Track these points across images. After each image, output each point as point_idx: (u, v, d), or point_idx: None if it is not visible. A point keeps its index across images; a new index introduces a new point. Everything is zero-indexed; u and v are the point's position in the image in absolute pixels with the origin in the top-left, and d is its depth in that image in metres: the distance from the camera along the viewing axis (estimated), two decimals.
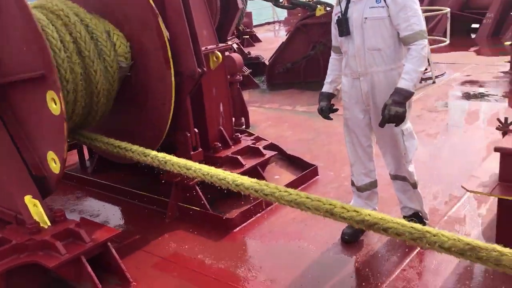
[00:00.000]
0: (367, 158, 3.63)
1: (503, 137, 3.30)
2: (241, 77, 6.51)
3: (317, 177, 4.93)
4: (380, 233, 2.34)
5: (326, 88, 3.71)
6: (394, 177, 3.64)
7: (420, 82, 8.31)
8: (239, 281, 3.32)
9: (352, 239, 3.67)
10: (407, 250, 3.46)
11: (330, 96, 3.70)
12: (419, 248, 3.40)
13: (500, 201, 3.19)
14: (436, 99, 7.37)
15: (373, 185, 3.71)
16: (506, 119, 3.33)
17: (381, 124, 3.21)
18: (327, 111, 3.65)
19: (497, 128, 3.38)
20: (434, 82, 8.25)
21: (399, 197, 3.70)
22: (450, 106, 7.12)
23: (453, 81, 8.37)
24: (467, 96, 7.44)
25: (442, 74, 8.73)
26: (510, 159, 3.04)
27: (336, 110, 3.66)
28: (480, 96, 7.40)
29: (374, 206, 3.73)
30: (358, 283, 3.21)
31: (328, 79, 3.72)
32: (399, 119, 3.14)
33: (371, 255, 3.49)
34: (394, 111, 3.11)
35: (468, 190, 3.26)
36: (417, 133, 3.91)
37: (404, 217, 3.63)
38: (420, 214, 3.64)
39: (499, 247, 1.98)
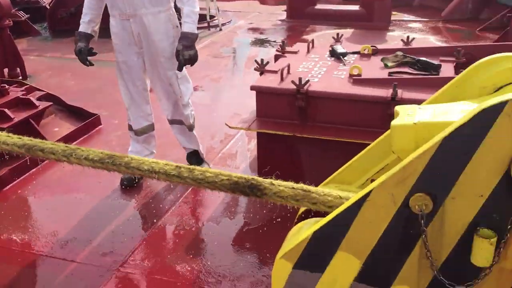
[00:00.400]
0: (143, 101, 3.65)
1: (260, 76, 3.63)
2: (11, 22, 5.89)
3: (100, 126, 4.82)
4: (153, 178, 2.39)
5: (83, 27, 3.47)
6: (172, 122, 3.76)
7: (209, 29, 8.60)
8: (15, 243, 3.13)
9: (130, 183, 3.72)
10: (183, 188, 3.65)
11: (88, 37, 3.50)
12: None
13: (259, 135, 3.55)
14: (222, 45, 7.73)
15: (150, 128, 3.76)
16: (262, 60, 3.67)
17: (179, 69, 3.34)
18: (86, 53, 3.45)
19: (255, 69, 3.70)
20: (220, 30, 8.61)
21: (179, 139, 3.85)
22: (234, 52, 7.54)
23: (238, 28, 8.85)
24: (250, 43, 7.96)
25: (229, 22, 9.15)
26: (263, 96, 3.38)
27: (95, 53, 3.52)
28: (261, 43, 7.99)
29: (152, 150, 3.82)
30: (136, 224, 3.30)
31: (85, 18, 3.48)
32: (193, 61, 3.32)
33: (150, 197, 3.61)
34: (187, 55, 3.27)
35: (230, 127, 3.56)
36: (202, 78, 4.10)
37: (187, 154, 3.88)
38: (199, 153, 3.85)
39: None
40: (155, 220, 3.30)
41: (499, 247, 1.78)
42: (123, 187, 3.71)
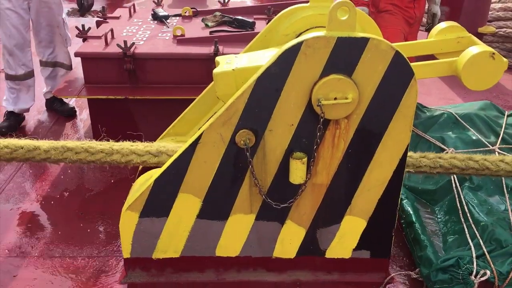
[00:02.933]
0: (25, 45, 3.78)
1: (83, 42, 3.56)
2: None
3: None
4: None
5: None
6: (48, 64, 4.04)
7: None
8: None
9: (8, 130, 3.83)
10: (13, 166, 3.47)
11: None
12: None
13: (90, 102, 3.52)
14: None
15: (31, 73, 3.94)
16: (83, 26, 3.60)
17: (82, 13, 3.90)
18: None
19: (77, 36, 3.62)
20: None
21: (47, 83, 4.15)
22: None
23: None
24: (67, 13, 7.51)
25: None
26: (89, 62, 3.34)
27: None
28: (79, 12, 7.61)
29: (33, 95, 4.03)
30: None
31: None
32: (91, 6, 3.86)
33: None
34: (91, 0, 3.83)
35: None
36: None
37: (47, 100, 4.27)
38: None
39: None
40: None
41: (310, 165, 2.14)
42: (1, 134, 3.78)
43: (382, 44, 1.97)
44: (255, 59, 2.30)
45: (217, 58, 2.38)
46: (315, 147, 2.11)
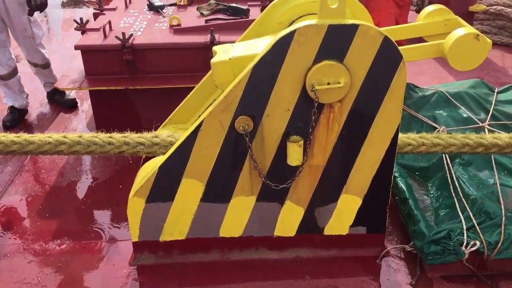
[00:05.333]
0: (1, 45, 3.84)
1: (82, 35, 3.65)
2: None
3: None
4: None
5: None
6: (30, 63, 4.14)
7: None
8: None
9: (12, 124, 4.00)
10: (20, 158, 3.58)
11: None
12: None
13: (91, 94, 3.62)
14: None
15: (15, 71, 4.01)
16: (81, 19, 3.67)
17: (30, 13, 3.73)
18: None
19: (75, 29, 3.70)
20: None
21: (40, 78, 4.31)
22: (46, 16, 7.12)
23: None
24: (61, 4, 7.57)
25: None
26: (89, 54, 3.43)
27: None
28: (74, 3, 7.66)
29: (22, 89, 4.13)
30: None
31: None
32: (43, 6, 3.70)
33: None
34: (39, 1, 3.65)
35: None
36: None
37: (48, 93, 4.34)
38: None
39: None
40: (0, 191, 3.24)
41: (306, 148, 2.25)
42: (6, 128, 3.97)
43: (371, 30, 2.07)
44: (251, 47, 2.39)
45: (214, 48, 2.48)
46: (310, 130, 2.22)
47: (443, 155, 2.92)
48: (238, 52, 2.35)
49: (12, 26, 3.85)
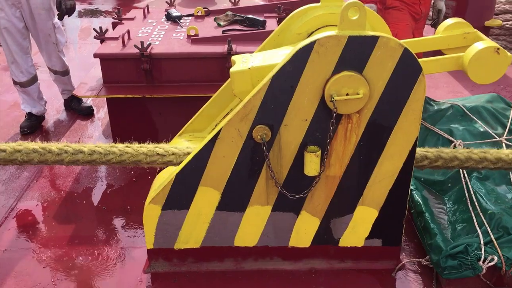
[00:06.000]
0: (24, 52, 3.90)
1: (101, 44, 3.70)
2: None
3: None
4: None
5: None
6: (50, 70, 4.19)
7: None
8: None
9: (30, 130, 4.06)
10: None
11: None
12: None
13: (109, 101, 3.65)
14: None
15: (35, 79, 4.06)
16: (101, 28, 3.72)
17: (60, 18, 3.88)
18: None
19: (95, 37, 3.75)
20: None
21: (58, 86, 4.34)
22: (64, 25, 7.22)
23: None
24: (78, 14, 7.67)
25: None
26: (108, 63, 3.47)
27: None
28: (91, 13, 7.77)
29: (42, 96, 4.18)
30: None
31: None
32: (72, 10, 3.88)
33: (6, 176, 3.50)
34: (69, 5, 3.82)
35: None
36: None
37: (65, 100, 4.42)
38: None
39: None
40: (16, 196, 3.26)
41: (323, 158, 2.25)
42: (23, 134, 4.04)
43: (391, 42, 2.08)
44: (270, 57, 2.41)
45: (233, 57, 2.50)
46: (328, 140, 2.22)
47: (460, 169, 2.89)
48: (257, 62, 2.37)
49: (36, 32, 3.91)
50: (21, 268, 2.66)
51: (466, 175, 2.86)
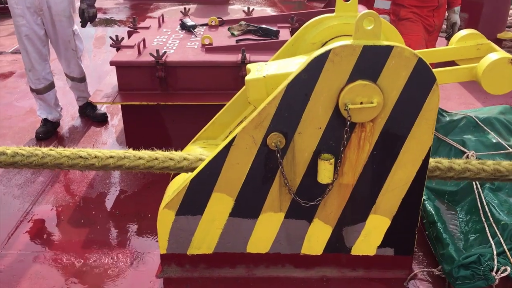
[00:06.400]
0: (42, 59, 3.99)
1: (117, 52, 3.76)
2: None
3: None
4: None
5: None
6: (67, 76, 4.29)
7: None
8: None
9: (45, 136, 4.13)
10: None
11: None
12: None
13: (123, 108, 3.71)
14: None
15: (52, 85, 4.14)
16: (117, 36, 3.79)
17: (83, 25, 4.05)
18: None
19: (111, 45, 3.81)
20: None
21: (74, 92, 4.42)
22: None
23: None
24: (94, 23, 7.78)
25: None
26: (123, 70, 3.53)
27: None
28: (106, 22, 7.89)
29: (58, 103, 4.26)
30: (12, 207, 3.26)
31: None
32: (94, 18, 4.07)
33: (22, 180, 3.55)
34: (92, 13, 4.01)
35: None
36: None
37: (80, 107, 4.50)
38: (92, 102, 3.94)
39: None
40: (31, 200, 3.31)
41: (337, 166, 2.27)
42: (38, 139, 4.10)
43: (405, 52, 2.10)
44: (284, 66, 2.44)
45: (248, 66, 2.53)
46: (342, 148, 2.24)
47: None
48: (272, 70, 2.40)
49: (56, 38, 3.99)
50: (36, 271, 2.69)
51: (478, 185, 2.86)
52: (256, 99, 2.36)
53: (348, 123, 2.17)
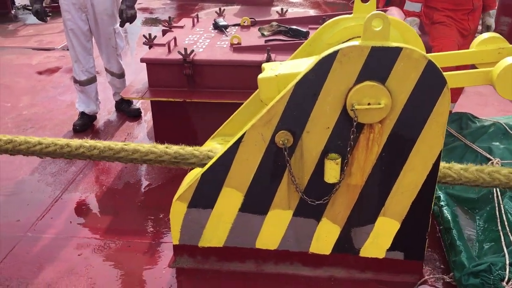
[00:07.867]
0: (86, 53, 4.23)
1: (149, 49, 3.90)
2: None
3: None
4: None
5: None
6: (107, 70, 4.49)
7: None
8: None
9: (82, 128, 4.34)
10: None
11: None
12: None
13: (153, 104, 3.84)
14: None
15: (93, 79, 4.35)
16: (150, 35, 3.94)
17: (122, 25, 4.19)
18: (42, 14, 4.06)
19: (144, 43, 3.96)
20: None
21: (111, 86, 4.61)
22: (126, 32, 7.60)
23: None
24: (141, 23, 8.06)
25: None
26: (153, 67, 3.66)
27: (50, 15, 4.22)
28: (152, 22, 8.14)
29: (97, 97, 4.47)
30: (43, 194, 3.46)
31: None
32: (133, 19, 4.18)
33: (54, 169, 3.75)
34: (130, 14, 4.12)
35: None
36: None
37: (116, 102, 4.70)
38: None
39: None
40: (62, 188, 3.49)
41: (344, 166, 2.28)
42: (76, 131, 4.32)
43: (414, 54, 2.09)
44: (297, 65, 2.47)
45: (264, 65, 2.58)
46: (349, 149, 2.25)
47: (493, 188, 2.81)
48: (285, 70, 2.44)
49: (98, 35, 4.23)
50: (59, 254, 2.85)
51: (499, 193, 2.78)
52: (268, 97, 2.40)
53: (355, 123, 2.18)
